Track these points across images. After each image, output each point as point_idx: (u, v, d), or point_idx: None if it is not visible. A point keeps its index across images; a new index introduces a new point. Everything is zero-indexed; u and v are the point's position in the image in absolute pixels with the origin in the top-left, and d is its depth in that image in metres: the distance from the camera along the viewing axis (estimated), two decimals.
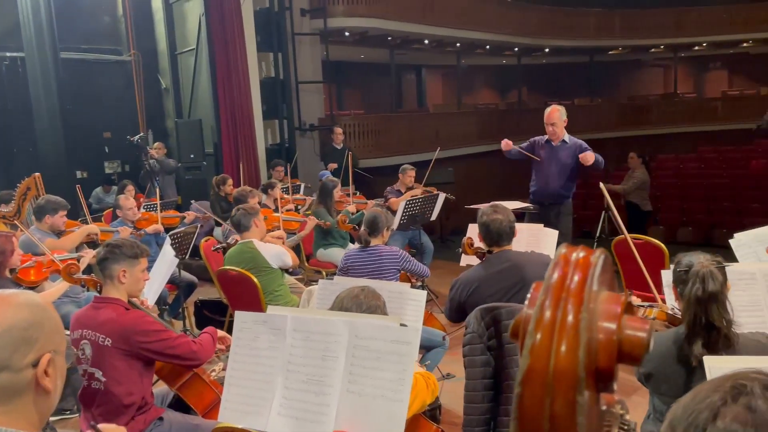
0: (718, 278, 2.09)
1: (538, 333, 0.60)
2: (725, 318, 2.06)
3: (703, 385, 0.70)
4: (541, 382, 0.58)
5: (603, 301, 0.62)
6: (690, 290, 2.07)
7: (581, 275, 0.61)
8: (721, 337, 2.04)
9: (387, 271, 3.77)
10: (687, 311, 2.08)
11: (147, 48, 10.16)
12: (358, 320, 1.75)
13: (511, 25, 15.36)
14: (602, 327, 0.60)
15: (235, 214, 4.41)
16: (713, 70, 21.37)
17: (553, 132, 5.37)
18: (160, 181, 8.52)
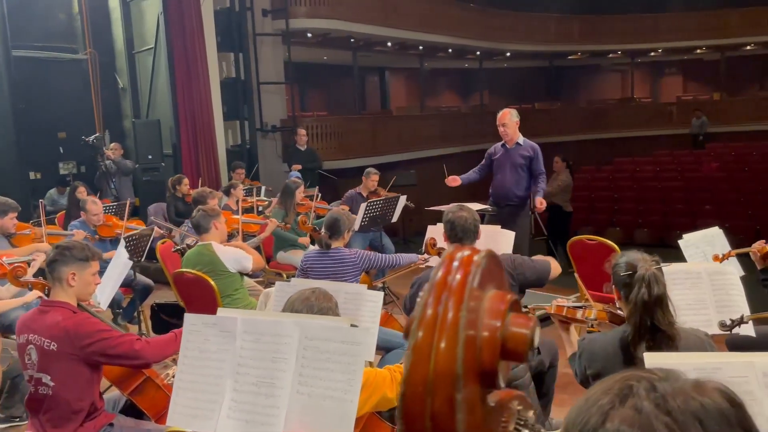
0: (661, 281, 2.13)
1: (419, 331, 0.60)
2: (668, 319, 2.11)
3: (596, 387, 0.71)
4: (422, 381, 0.58)
5: (489, 300, 0.62)
6: (636, 295, 2.11)
7: (463, 274, 0.61)
8: (664, 337, 2.09)
9: (347, 274, 3.77)
10: (633, 315, 2.12)
11: (104, 47, 9.94)
12: (308, 321, 1.75)
13: (473, 29, 15.53)
14: (486, 324, 0.60)
15: (195, 215, 4.35)
16: (668, 76, 21.96)
17: (504, 132, 5.51)
18: (117, 182, 8.35)
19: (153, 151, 8.73)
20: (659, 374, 0.70)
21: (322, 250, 3.79)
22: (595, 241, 4.53)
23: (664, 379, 0.69)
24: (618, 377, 0.71)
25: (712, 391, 0.68)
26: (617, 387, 0.68)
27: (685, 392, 0.66)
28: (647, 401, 0.66)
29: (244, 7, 10.03)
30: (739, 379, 1.48)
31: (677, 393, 0.66)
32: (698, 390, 0.67)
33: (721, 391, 0.68)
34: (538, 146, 5.63)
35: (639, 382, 0.68)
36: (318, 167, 8.53)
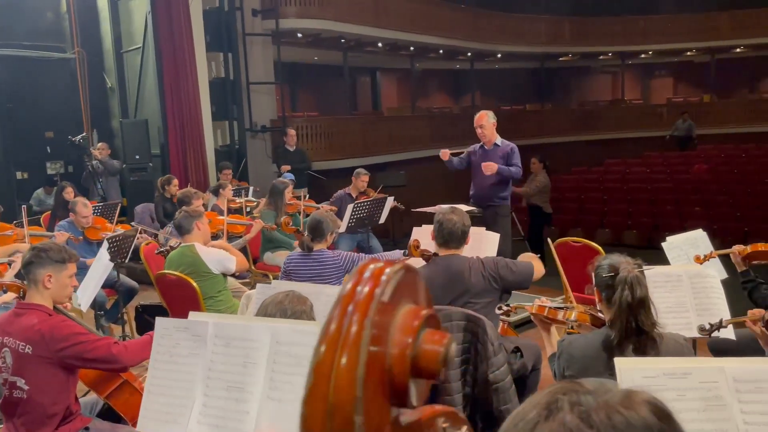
0: (643, 283, 2.14)
1: (321, 346, 0.57)
2: (651, 321, 2.12)
3: (530, 399, 0.70)
4: (322, 401, 0.54)
5: (402, 315, 0.59)
6: (619, 297, 2.11)
7: (371, 287, 0.58)
8: (649, 339, 2.09)
9: (330, 277, 3.75)
10: (618, 318, 2.12)
11: (92, 46, 9.88)
12: (279, 326, 1.73)
13: (464, 30, 15.54)
14: (396, 341, 0.58)
15: (177, 217, 4.32)
16: (659, 78, 22.05)
17: (482, 134, 5.57)
18: (104, 182, 8.30)
19: (140, 151, 8.69)
20: (588, 387, 0.70)
21: (305, 252, 3.76)
22: (580, 243, 4.53)
23: (592, 392, 0.69)
24: (547, 390, 0.71)
25: (639, 404, 0.68)
26: (544, 401, 0.68)
27: (610, 406, 0.66)
28: (571, 415, 0.65)
29: (233, 6, 9.99)
30: (709, 384, 1.48)
31: (602, 407, 0.66)
32: (625, 403, 0.67)
33: (649, 404, 0.68)
34: (515, 145, 5.67)
35: (565, 396, 0.68)
36: (307, 168, 8.51)
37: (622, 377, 1.51)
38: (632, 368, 1.53)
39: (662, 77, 21.96)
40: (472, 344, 2.99)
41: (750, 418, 1.45)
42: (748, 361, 1.55)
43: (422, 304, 0.63)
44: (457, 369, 2.98)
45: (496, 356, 2.91)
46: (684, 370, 1.50)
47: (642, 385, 1.50)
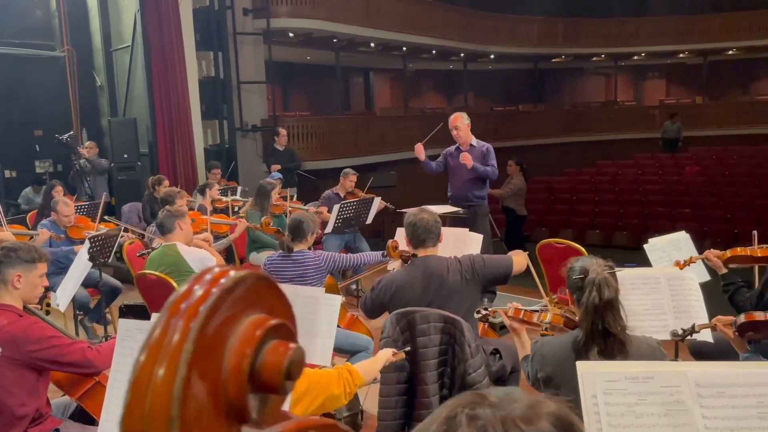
0: (612, 285, 2.12)
1: (142, 355, 0.51)
2: (620, 324, 2.10)
3: (435, 412, 0.69)
4: (138, 419, 0.49)
5: (245, 325, 0.54)
6: (587, 298, 2.10)
7: (204, 292, 0.53)
8: (616, 342, 2.07)
9: (311, 277, 3.72)
10: (585, 319, 2.11)
11: (81, 44, 9.83)
12: None
13: (456, 30, 15.53)
14: (235, 352, 0.53)
15: (160, 216, 4.29)
16: (651, 79, 22.09)
17: (457, 135, 5.60)
18: (92, 181, 8.25)
19: (129, 150, 8.64)
20: (491, 399, 0.69)
21: (285, 253, 3.74)
22: (564, 245, 4.53)
23: (494, 405, 0.68)
24: (449, 402, 0.70)
25: (541, 417, 0.67)
26: (444, 414, 0.68)
27: (509, 420, 0.66)
28: (468, 430, 0.65)
29: (224, 6, 9.95)
30: (672, 388, 1.46)
31: (500, 421, 0.65)
32: (526, 417, 0.66)
33: (552, 416, 0.67)
34: (490, 146, 5.68)
35: (464, 409, 0.67)
36: (297, 167, 8.48)
37: (584, 381, 1.49)
38: (593, 372, 1.51)
39: (655, 79, 22.01)
40: (450, 346, 2.97)
41: (711, 423, 1.44)
42: (710, 366, 1.53)
43: (277, 313, 0.58)
44: (435, 371, 2.96)
45: (473, 358, 2.89)
46: (646, 374, 1.48)
47: (604, 389, 1.49)
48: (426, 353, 2.96)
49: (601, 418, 1.46)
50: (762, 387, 1.45)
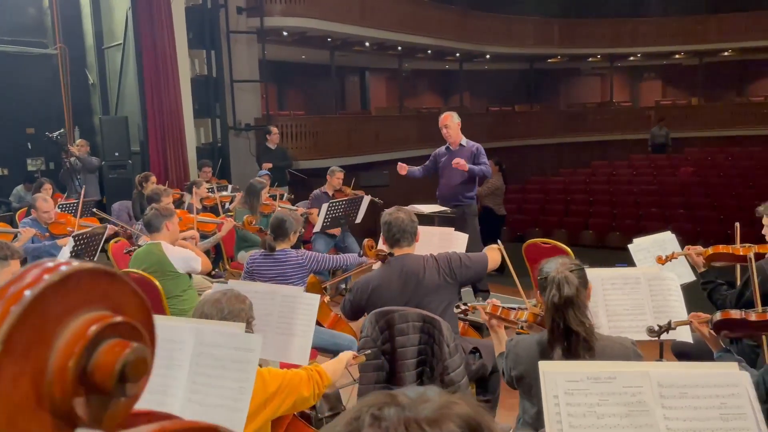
0: (573, 282, 2.09)
1: None
2: (584, 322, 2.07)
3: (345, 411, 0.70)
4: None
5: (78, 323, 0.51)
6: (548, 296, 2.09)
7: (31, 280, 0.49)
8: (580, 341, 2.05)
9: (293, 276, 3.71)
10: (547, 317, 2.11)
11: (74, 42, 9.79)
12: (203, 327, 1.69)
13: (452, 30, 15.51)
14: (62, 352, 0.50)
15: (148, 214, 4.26)
16: (648, 80, 22.10)
17: (447, 134, 5.59)
18: (82, 179, 8.22)
19: (120, 148, 8.61)
20: (400, 400, 0.68)
21: (267, 252, 3.72)
22: (550, 245, 4.51)
23: (403, 405, 0.67)
24: (360, 401, 0.69)
25: (447, 419, 0.66)
26: (350, 415, 0.67)
27: (413, 422, 0.65)
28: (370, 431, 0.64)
29: (217, 4, 9.92)
30: (634, 389, 1.45)
31: (403, 422, 0.64)
32: (432, 420, 0.65)
33: (462, 420, 0.66)
34: (480, 145, 5.66)
35: (369, 410, 0.66)
36: (288, 166, 8.47)
37: (546, 380, 1.48)
38: (556, 371, 1.50)
39: (651, 80, 22.02)
40: (429, 345, 2.96)
41: (673, 425, 1.42)
42: (674, 366, 1.52)
43: (125, 311, 0.54)
44: (413, 370, 2.95)
45: (451, 357, 2.88)
46: (609, 375, 1.46)
47: (566, 389, 1.47)
48: (405, 352, 2.94)
49: (562, 418, 1.45)
50: (725, 387, 1.44)
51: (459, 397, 0.71)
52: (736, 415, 1.41)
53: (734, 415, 1.41)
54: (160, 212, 4.24)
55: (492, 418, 0.71)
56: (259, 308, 3.02)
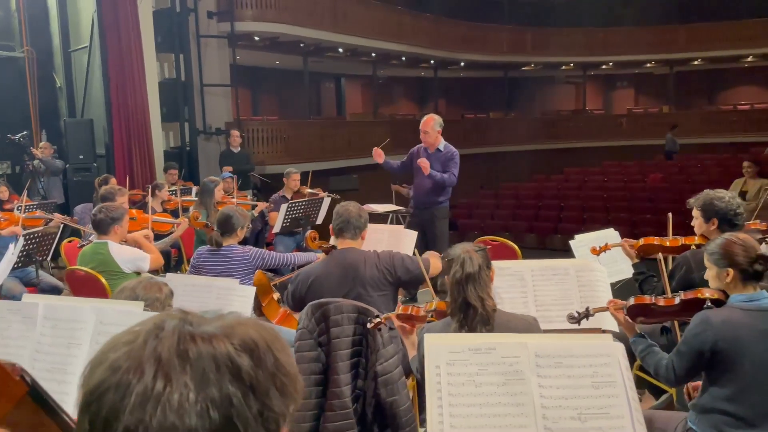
0: (476, 261, 2.16)
1: None
2: (482, 298, 2.13)
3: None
4: None
5: None
6: (452, 273, 2.16)
7: None
8: (477, 315, 2.10)
9: (237, 273, 3.72)
10: (450, 294, 2.17)
11: (41, 44, 9.73)
12: (104, 306, 1.71)
13: (425, 37, 15.64)
14: None
15: (98, 214, 4.25)
16: (620, 89, 22.44)
17: (424, 139, 5.59)
18: (46, 182, 8.17)
19: (85, 150, 8.57)
20: (192, 316, 0.71)
21: (213, 248, 3.74)
22: (498, 242, 4.58)
23: (187, 321, 0.70)
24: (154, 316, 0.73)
25: (228, 339, 0.68)
26: (138, 325, 0.71)
27: (187, 336, 0.67)
28: (149, 342, 0.67)
29: (186, 8, 9.92)
30: (511, 359, 1.50)
31: (177, 335, 0.67)
32: (207, 336, 0.68)
33: (240, 340, 0.69)
34: (457, 152, 5.67)
35: (155, 321, 0.70)
36: (250, 169, 8.47)
37: (429, 352, 1.52)
38: (439, 344, 1.54)
39: (624, 88, 22.36)
40: (363, 336, 2.99)
41: (546, 392, 1.47)
42: (551, 338, 1.57)
43: None
44: (347, 361, 2.98)
45: (385, 348, 2.91)
46: (489, 346, 1.52)
47: (448, 359, 1.52)
48: (339, 343, 2.97)
49: (442, 387, 1.49)
50: (597, 357, 1.49)
51: (254, 322, 0.73)
52: (607, 383, 1.47)
53: (605, 383, 1.47)
54: (109, 216, 4.19)
55: (283, 347, 0.73)
56: (195, 301, 3.05)
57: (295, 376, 0.74)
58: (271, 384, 0.69)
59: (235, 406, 0.66)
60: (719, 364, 2.13)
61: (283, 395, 0.71)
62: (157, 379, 0.64)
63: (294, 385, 0.73)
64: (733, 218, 3.08)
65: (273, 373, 0.70)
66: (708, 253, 2.30)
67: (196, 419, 0.64)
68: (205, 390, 0.65)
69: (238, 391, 0.66)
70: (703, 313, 2.18)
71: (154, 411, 0.63)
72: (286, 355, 0.74)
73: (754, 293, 2.19)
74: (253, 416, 0.67)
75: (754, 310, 2.15)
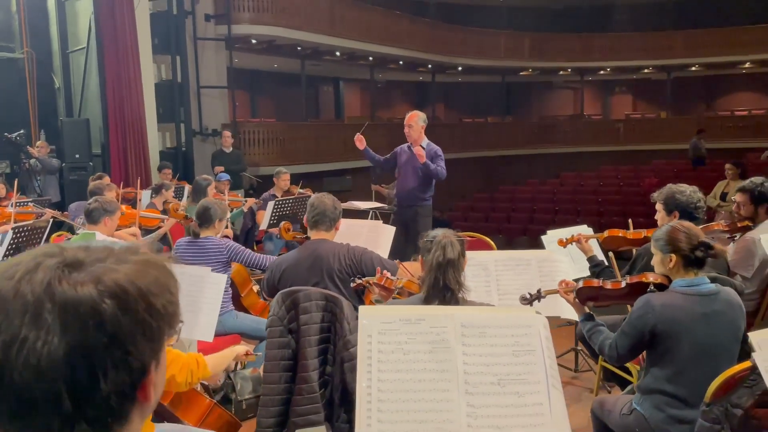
0: (456, 247, 2.27)
1: None
2: (460, 282, 2.25)
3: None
4: None
5: None
6: (432, 256, 2.25)
7: None
8: (454, 298, 2.21)
9: (212, 263, 3.81)
10: (429, 275, 2.26)
11: (41, 46, 9.89)
12: None
13: (423, 42, 15.76)
14: None
15: (91, 204, 4.34)
16: (619, 94, 22.53)
17: (408, 134, 5.66)
18: (42, 180, 8.29)
19: (81, 150, 8.69)
20: (66, 258, 0.70)
21: (191, 238, 3.84)
22: (475, 238, 4.67)
23: (66, 262, 0.70)
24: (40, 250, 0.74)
25: (92, 284, 0.68)
26: (22, 256, 0.72)
27: (57, 279, 0.67)
28: (18, 274, 0.68)
29: (183, 10, 10.06)
30: (439, 329, 1.59)
31: (47, 276, 0.67)
32: (75, 283, 0.68)
33: (105, 288, 0.68)
34: (440, 149, 5.76)
35: (39, 260, 0.70)
36: (242, 169, 8.58)
37: (363, 324, 1.62)
38: (373, 315, 1.64)
39: (622, 94, 22.45)
40: (331, 323, 3.08)
41: (469, 360, 1.57)
42: (478, 310, 1.67)
43: None
44: (316, 347, 3.07)
45: (352, 334, 3.00)
46: (419, 317, 1.61)
47: (380, 329, 1.62)
48: (308, 330, 3.07)
49: (373, 354, 1.59)
50: (519, 328, 1.59)
51: (137, 266, 0.72)
52: (526, 352, 1.56)
53: (524, 352, 1.56)
54: (103, 207, 4.32)
55: (162, 290, 0.74)
56: None
57: (173, 315, 0.75)
58: (139, 331, 0.69)
59: (95, 353, 0.66)
60: (659, 345, 2.21)
61: (152, 340, 0.71)
62: (24, 321, 0.65)
63: (171, 323, 0.75)
64: (694, 211, 3.17)
65: (142, 319, 0.70)
66: (654, 239, 2.39)
67: (56, 363, 0.64)
68: (67, 335, 0.65)
69: (100, 338, 0.66)
70: (645, 296, 2.27)
71: (19, 353, 0.64)
72: (166, 299, 0.74)
73: (695, 278, 2.28)
74: (114, 363, 0.68)
75: (693, 294, 2.24)
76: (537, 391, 1.50)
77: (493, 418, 1.48)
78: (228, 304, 3.90)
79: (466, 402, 1.50)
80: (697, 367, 2.15)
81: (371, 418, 1.56)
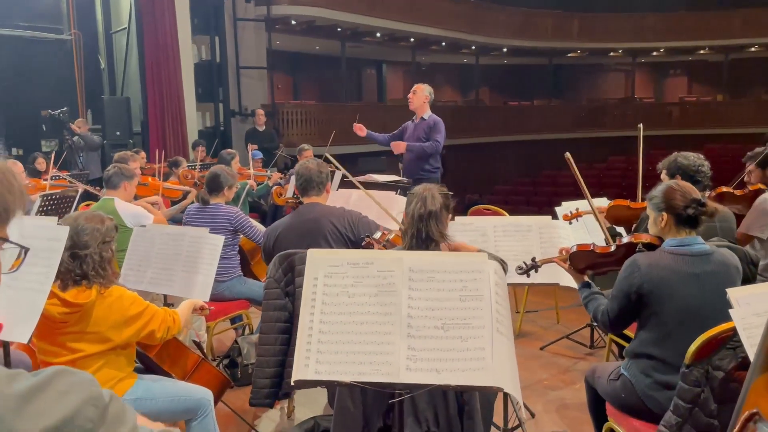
0: (438, 199, 2.22)
1: None
2: (443, 233, 2.20)
3: None
4: None
5: None
6: (413, 208, 2.21)
7: None
8: (438, 248, 2.17)
9: (221, 230, 3.84)
10: (410, 227, 2.22)
11: (87, 27, 10.20)
12: (25, 221, 1.84)
13: (465, 22, 15.50)
14: None
15: (110, 170, 4.44)
16: (673, 77, 21.68)
17: (411, 100, 5.69)
18: (84, 157, 8.56)
19: (122, 127, 8.93)
20: None
21: (201, 205, 3.88)
22: (491, 210, 4.60)
23: None
24: None
25: None
26: None
27: None
28: None
29: None
30: (386, 273, 1.55)
31: None
32: None
33: None
34: (440, 120, 5.73)
35: None
36: (275, 147, 8.66)
37: (310, 265, 1.59)
38: (320, 257, 1.61)
39: (676, 76, 21.60)
40: None
41: (414, 303, 1.52)
42: (426, 254, 1.61)
43: None
44: None
45: None
46: (367, 260, 1.57)
47: (326, 272, 1.59)
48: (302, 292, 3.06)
49: (317, 297, 1.56)
50: (468, 273, 1.52)
51: None
52: (473, 297, 1.50)
53: (471, 297, 1.50)
54: (121, 171, 4.41)
55: None
56: (169, 249, 3.20)
57: None
58: None
59: None
60: (645, 307, 2.11)
61: None
62: None
63: None
64: (695, 174, 3.05)
65: None
66: (648, 198, 2.28)
67: None
68: None
69: None
70: (632, 257, 2.17)
71: None
72: None
73: (686, 238, 2.16)
74: None
75: (683, 254, 2.11)
76: (480, 335, 1.44)
77: (432, 362, 1.43)
78: (236, 270, 3.93)
79: (407, 345, 1.46)
80: (686, 331, 2.03)
81: (309, 359, 1.54)
